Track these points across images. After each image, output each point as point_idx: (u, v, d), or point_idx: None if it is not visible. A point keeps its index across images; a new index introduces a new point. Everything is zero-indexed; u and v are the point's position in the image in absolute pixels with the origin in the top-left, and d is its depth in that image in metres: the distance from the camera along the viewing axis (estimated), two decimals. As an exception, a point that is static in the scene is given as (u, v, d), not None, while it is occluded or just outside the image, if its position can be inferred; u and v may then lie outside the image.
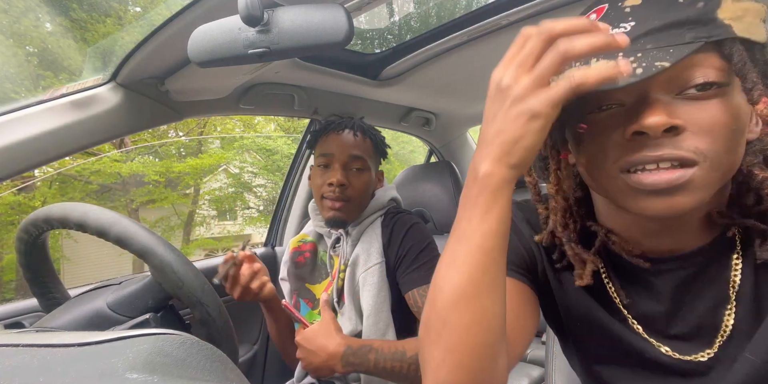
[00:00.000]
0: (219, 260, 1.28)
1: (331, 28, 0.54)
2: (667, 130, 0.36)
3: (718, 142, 0.37)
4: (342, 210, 0.93)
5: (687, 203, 0.38)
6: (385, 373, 0.79)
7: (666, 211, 0.38)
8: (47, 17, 6.00)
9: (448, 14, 1.18)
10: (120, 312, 0.60)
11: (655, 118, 0.36)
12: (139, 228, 0.56)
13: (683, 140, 0.37)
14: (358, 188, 0.94)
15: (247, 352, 1.28)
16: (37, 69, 6.01)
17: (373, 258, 0.91)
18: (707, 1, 0.36)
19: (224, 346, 0.59)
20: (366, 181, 0.96)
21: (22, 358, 0.28)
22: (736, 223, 0.42)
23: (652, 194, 0.38)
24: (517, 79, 0.35)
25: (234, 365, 0.32)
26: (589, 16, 0.42)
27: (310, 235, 1.04)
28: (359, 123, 1.00)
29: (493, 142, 0.37)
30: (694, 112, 0.37)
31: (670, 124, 0.36)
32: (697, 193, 0.38)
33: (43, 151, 0.77)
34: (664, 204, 0.38)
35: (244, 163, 9.61)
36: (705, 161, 0.37)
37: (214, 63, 0.59)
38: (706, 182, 0.38)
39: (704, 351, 0.44)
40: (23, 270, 0.65)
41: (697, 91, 0.37)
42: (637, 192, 0.39)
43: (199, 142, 9.37)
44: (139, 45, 0.76)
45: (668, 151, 0.37)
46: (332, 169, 0.94)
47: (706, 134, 0.36)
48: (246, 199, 9.84)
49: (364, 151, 0.97)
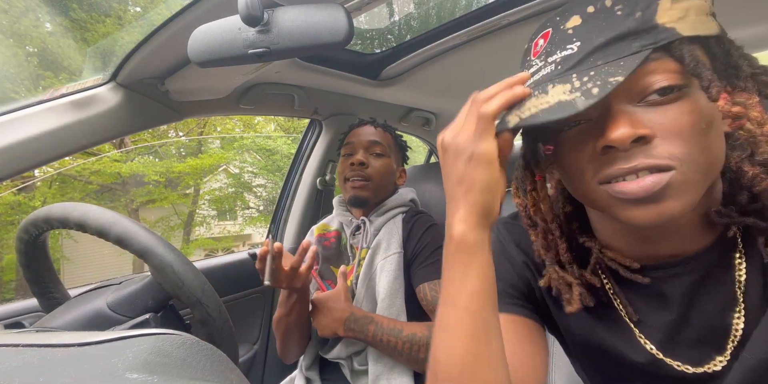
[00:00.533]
0: (219, 260, 1.28)
1: (331, 28, 0.54)
2: (636, 141, 0.37)
3: (690, 144, 0.36)
4: (363, 188, 1.01)
5: (676, 208, 0.37)
6: (381, 346, 0.86)
7: (656, 219, 0.38)
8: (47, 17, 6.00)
9: (448, 14, 1.18)
10: (120, 312, 0.60)
11: (619, 130, 0.36)
12: (139, 228, 0.56)
13: (654, 148, 0.37)
14: (377, 168, 1.02)
15: (247, 352, 1.28)
16: (37, 69, 6.01)
17: (393, 247, 0.97)
18: (644, 10, 0.37)
19: (224, 346, 0.59)
20: (385, 164, 1.03)
21: (22, 358, 0.28)
22: (736, 221, 0.41)
23: (639, 203, 0.38)
24: (454, 138, 0.41)
25: (234, 365, 0.32)
26: (537, 41, 0.43)
27: (333, 225, 1.10)
28: (378, 123, 1.10)
29: (458, 200, 0.40)
30: (659, 118, 0.37)
31: (636, 134, 0.36)
32: (683, 197, 0.37)
33: (43, 151, 0.77)
34: (653, 211, 0.38)
35: (244, 163, 9.61)
36: (682, 165, 0.36)
37: (214, 63, 0.59)
38: (690, 185, 0.37)
39: (716, 359, 0.42)
40: (23, 270, 0.65)
41: (658, 96, 0.37)
42: (622, 202, 0.39)
43: (199, 142, 9.37)
44: (139, 45, 0.76)
45: (641, 160, 0.37)
46: (354, 153, 1.03)
47: (676, 138, 0.36)
48: (246, 199, 9.84)
49: (383, 139, 1.05)
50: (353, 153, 1.04)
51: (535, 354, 0.49)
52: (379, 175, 1.02)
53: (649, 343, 0.45)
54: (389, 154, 1.06)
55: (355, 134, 1.07)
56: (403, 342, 0.85)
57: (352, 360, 0.96)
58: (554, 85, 0.38)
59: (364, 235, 1.02)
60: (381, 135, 1.06)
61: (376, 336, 0.85)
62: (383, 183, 1.04)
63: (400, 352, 0.85)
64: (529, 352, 0.49)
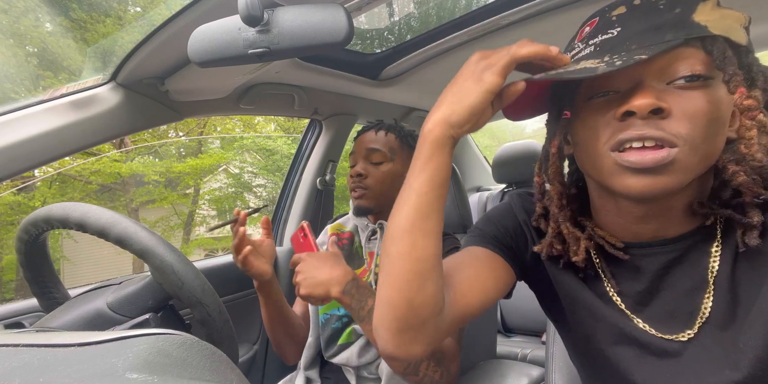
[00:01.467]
0: (219, 260, 1.28)
1: (331, 28, 0.54)
2: (653, 112, 0.41)
3: (697, 129, 0.41)
4: (362, 198, 1.01)
5: (667, 183, 0.42)
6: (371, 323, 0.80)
7: (647, 189, 0.42)
8: (47, 17, 6.00)
9: (448, 14, 1.18)
10: (120, 312, 0.60)
11: (644, 100, 0.41)
12: (139, 228, 0.56)
13: (666, 124, 0.41)
14: (376, 177, 1.01)
15: (247, 352, 1.28)
16: (37, 69, 6.01)
17: None
18: (683, 7, 0.42)
19: (224, 346, 0.59)
20: (385, 171, 1.02)
21: (22, 358, 0.28)
22: (715, 213, 0.46)
23: (637, 173, 0.42)
24: (478, 63, 0.46)
25: (234, 365, 0.32)
26: (584, 29, 0.48)
27: (348, 227, 1.10)
28: (385, 124, 1.07)
29: (443, 102, 0.47)
30: (680, 100, 0.41)
31: (657, 105, 0.40)
32: (676, 175, 0.42)
33: (43, 151, 0.77)
34: (648, 182, 0.42)
35: (244, 163, 9.61)
36: (684, 145, 0.41)
37: (214, 63, 0.59)
38: (685, 165, 0.42)
39: (685, 332, 0.47)
40: (23, 270, 0.65)
41: (685, 82, 0.41)
42: (623, 170, 0.43)
43: (199, 142, 9.36)
44: (139, 45, 0.76)
45: (650, 131, 0.41)
46: (355, 164, 1.04)
47: (688, 120, 0.41)
48: (246, 199, 9.84)
49: (384, 144, 1.03)
50: (354, 163, 1.04)
51: (486, 278, 0.56)
52: (378, 183, 1.01)
53: (623, 306, 0.52)
54: (392, 158, 1.03)
55: (357, 143, 1.06)
56: None
57: (359, 369, 0.94)
58: (587, 60, 0.43)
59: (381, 240, 1.01)
60: (381, 140, 1.04)
61: (371, 311, 0.77)
62: (384, 190, 1.02)
63: None
64: (480, 272, 0.55)
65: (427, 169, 0.47)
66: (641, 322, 0.50)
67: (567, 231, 0.53)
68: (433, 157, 0.47)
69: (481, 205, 1.95)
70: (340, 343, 0.95)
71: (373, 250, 1.01)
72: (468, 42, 1.05)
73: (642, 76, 0.43)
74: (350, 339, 0.95)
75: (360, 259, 1.04)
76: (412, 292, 0.46)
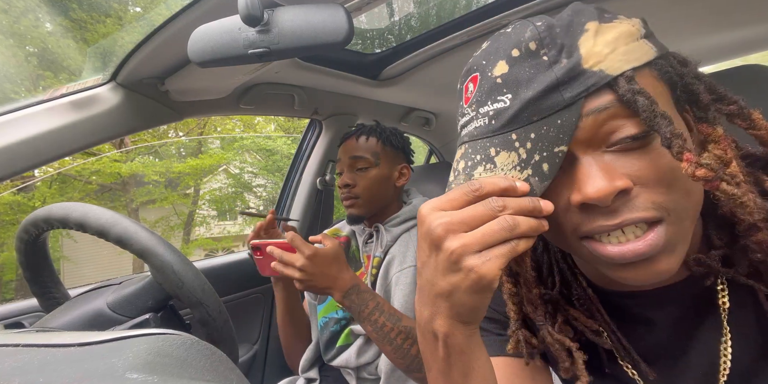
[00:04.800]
0: (219, 260, 1.28)
1: (331, 28, 0.54)
2: (616, 195, 0.33)
3: (673, 190, 0.33)
4: (353, 207, 1.01)
5: (671, 263, 0.34)
6: (373, 328, 0.80)
7: (651, 279, 0.34)
8: (47, 17, 6.00)
9: (448, 14, 1.18)
10: (120, 312, 0.60)
11: (596, 185, 0.32)
12: (139, 228, 0.56)
13: (636, 198, 0.33)
14: (363, 185, 1.00)
15: (247, 352, 1.28)
16: (37, 69, 6.01)
17: (408, 260, 0.94)
18: (569, 55, 0.33)
19: (224, 346, 0.59)
20: (372, 177, 1.01)
21: (22, 358, 0.28)
22: (716, 271, 0.38)
23: (629, 265, 0.34)
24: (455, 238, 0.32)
25: (234, 365, 0.32)
26: (467, 85, 0.40)
27: (344, 231, 1.10)
28: (365, 128, 1.05)
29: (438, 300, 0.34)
30: (634, 166, 0.33)
31: (616, 189, 0.32)
32: (677, 250, 0.34)
33: (43, 151, 0.77)
34: (647, 272, 0.34)
35: (244, 164, 9.61)
36: (670, 215, 0.33)
37: (214, 63, 0.59)
38: (681, 235, 0.34)
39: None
40: (23, 270, 0.65)
41: (625, 144, 0.33)
42: (608, 263, 0.35)
43: (199, 142, 9.36)
44: (139, 45, 0.76)
45: (626, 215, 0.33)
46: (342, 172, 1.04)
47: (657, 185, 0.33)
48: (246, 199, 9.84)
49: (366, 149, 1.02)
50: (341, 172, 1.04)
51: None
52: (367, 190, 1.00)
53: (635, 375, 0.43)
54: (376, 163, 1.02)
55: (341, 151, 1.05)
56: (399, 331, 0.79)
57: (358, 370, 0.94)
58: (498, 152, 0.35)
59: (377, 243, 1.00)
60: (363, 146, 1.02)
61: (372, 315, 0.80)
62: (374, 196, 1.01)
63: (391, 341, 0.79)
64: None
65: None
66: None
67: (551, 339, 0.42)
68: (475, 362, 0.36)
69: (481, 205, 1.94)
70: (339, 344, 0.95)
71: (370, 253, 1.01)
72: (468, 42, 1.05)
73: (574, 151, 0.34)
74: (348, 340, 0.95)
75: (357, 262, 1.04)
76: None
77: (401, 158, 1.08)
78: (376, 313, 0.80)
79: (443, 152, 1.93)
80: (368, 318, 0.80)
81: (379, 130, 1.05)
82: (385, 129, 1.06)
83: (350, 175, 1.01)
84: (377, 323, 0.80)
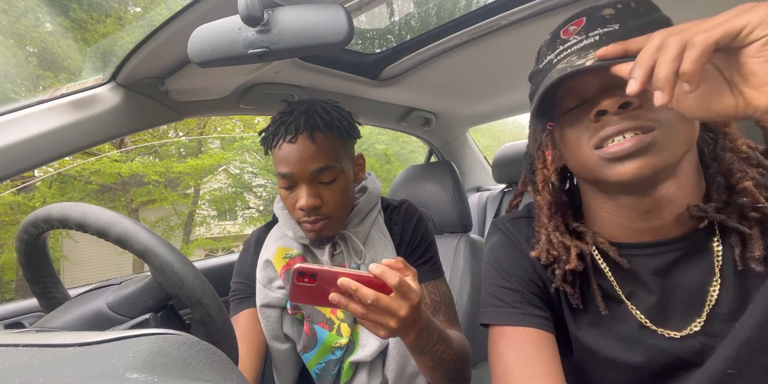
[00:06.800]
0: (219, 260, 1.28)
1: (331, 28, 0.54)
2: (623, 106, 0.45)
3: (672, 112, 0.42)
4: (325, 228, 0.79)
5: (656, 163, 0.44)
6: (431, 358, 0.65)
7: (639, 171, 0.44)
8: (47, 17, 6.00)
9: (448, 14, 1.18)
10: (120, 312, 0.60)
11: (611, 98, 0.45)
12: (139, 228, 0.56)
13: (640, 113, 0.45)
14: (335, 202, 0.79)
15: (247, 352, 1.27)
16: (37, 69, 6.01)
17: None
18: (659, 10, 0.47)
19: (224, 346, 0.59)
20: (341, 188, 0.79)
21: (22, 358, 0.28)
22: (710, 217, 0.47)
23: (624, 159, 0.45)
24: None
25: (234, 365, 0.32)
26: (568, 27, 0.51)
27: (294, 248, 0.87)
28: (312, 118, 0.78)
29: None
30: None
31: (624, 100, 0.44)
32: (661, 154, 0.44)
33: (43, 151, 0.77)
34: (635, 165, 0.45)
35: (244, 164, 9.61)
36: (662, 126, 0.44)
37: (214, 63, 0.59)
38: (668, 144, 0.44)
39: (696, 321, 0.49)
40: (23, 270, 0.65)
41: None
42: (610, 161, 0.46)
43: (199, 142, 9.36)
44: (139, 45, 0.76)
45: (626, 123, 0.45)
46: (298, 189, 0.77)
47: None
48: (246, 199, 9.84)
49: (329, 154, 0.77)
50: (294, 187, 0.78)
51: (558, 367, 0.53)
52: (338, 207, 0.79)
53: (638, 313, 0.52)
54: (342, 165, 0.79)
55: (287, 158, 0.76)
56: (454, 355, 0.67)
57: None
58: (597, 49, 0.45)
59: (349, 253, 0.84)
60: (324, 149, 0.76)
61: (435, 346, 0.64)
62: (345, 209, 0.82)
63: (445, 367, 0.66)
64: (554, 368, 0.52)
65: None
66: (658, 327, 0.51)
67: (556, 240, 0.54)
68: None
69: (481, 205, 1.95)
70: (343, 382, 0.85)
71: (343, 263, 0.85)
72: (468, 42, 1.05)
73: (605, 80, 0.47)
74: (350, 373, 0.84)
75: None
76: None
77: (352, 149, 0.86)
78: (440, 343, 0.65)
79: (443, 152, 1.93)
80: (431, 350, 0.64)
81: (330, 118, 0.79)
82: (333, 114, 0.80)
83: (313, 191, 0.76)
84: (437, 353, 0.65)
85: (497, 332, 0.57)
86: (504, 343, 0.55)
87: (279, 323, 0.86)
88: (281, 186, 0.80)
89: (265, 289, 0.86)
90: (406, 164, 8.98)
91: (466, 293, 1.18)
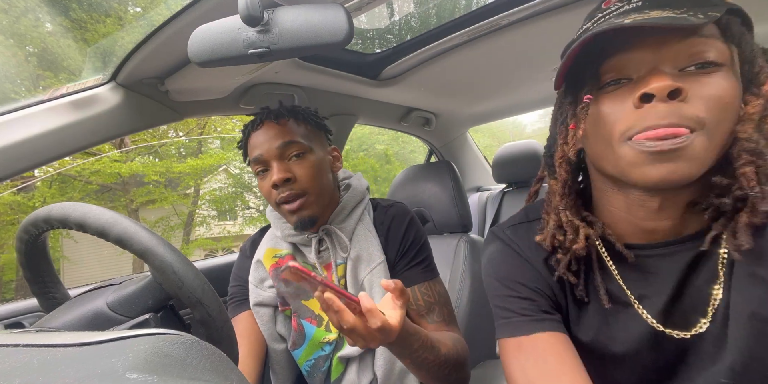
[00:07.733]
0: (219, 260, 1.28)
1: (331, 28, 0.54)
2: (671, 95, 0.41)
3: (713, 113, 0.41)
4: (304, 207, 0.80)
5: (686, 170, 0.41)
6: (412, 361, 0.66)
7: (667, 177, 0.41)
8: (47, 17, 6.00)
9: (448, 14, 1.18)
10: (120, 312, 0.60)
11: (662, 82, 0.41)
12: (139, 228, 0.56)
13: (685, 108, 0.41)
14: (307, 175, 0.80)
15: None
16: (37, 69, 6.01)
17: (375, 257, 0.84)
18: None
19: (224, 346, 0.59)
20: (313, 163, 0.81)
21: (22, 358, 0.28)
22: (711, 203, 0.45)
23: (655, 160, 0.42)
24: None
25: (234, 365, 0.32)
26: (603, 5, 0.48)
27: (282, 248, 0.90)
28: (277, 109, 0.85)
29: None
30: (694, 84, 0.41)
31: (675, 86, 0.40)
32: (695, 162, 0.41)
33: (43, 151, 0.77)
34: (664, 170, 0.41)
35: (244, 164, 9.60)
36: (702, 128, 0.41)
37: (214, 63, 0.59)
38: (703, 150, 0.41)
39: (701, 321, 0.48)
40: (23, 270, 0.65)
41: (696, 68, 0.42)
42: (641, 159, 0.42)
43: (199, 142, 9.36)
44: (139, 45, 0.76)
45: (672, 119, 0.41)
46: (268, 168, 0.81)
47: (704, 104, 0.41)
48: (246, 199, 9.84)
49: (295, 132, 0.82)
50: (267, 167, 0.81)
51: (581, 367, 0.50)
52: (312, 181, 0.80)
53: (649, 317, 0.50)
54: (311, 145, 0.82)
55: (257, 143, 0.82)
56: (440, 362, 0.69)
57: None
58: (650, 11, 0.42)
59: (334, 248, 0.85)
60: (290, 129, 0.82)
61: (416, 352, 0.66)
62: (322, 187, 0.83)
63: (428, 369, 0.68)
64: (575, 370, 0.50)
65: None
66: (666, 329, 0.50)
67: (566, 219, 0.52)
68: None
69: (481, 205, 1.95)
70: (333, 379, 0.85)
71: (329, 260, 0.86)
72: (468, 42, 1.05)
73: (655, 61, 0.43)
74: (340, 369, 0.85)
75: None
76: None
77: (326, 139, 0.91)
78: (421, 350, 0.66)
79: (443, 152, 1.93)
80: (410, 356, 0.66)
81: (294, 109, 0.86)
82: (298, 107, 0.88)
83: (283, 166, 0.79)
84: (418, 359, 0.66)
85: (513, 345, 0.54)
86: (524, 357, 0.52)
87: (273, 322, 0.88)
88: (257, 175, 0.84)
89: (257, 289, 0.89)
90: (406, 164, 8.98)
91: (466, 293, 1.18)
